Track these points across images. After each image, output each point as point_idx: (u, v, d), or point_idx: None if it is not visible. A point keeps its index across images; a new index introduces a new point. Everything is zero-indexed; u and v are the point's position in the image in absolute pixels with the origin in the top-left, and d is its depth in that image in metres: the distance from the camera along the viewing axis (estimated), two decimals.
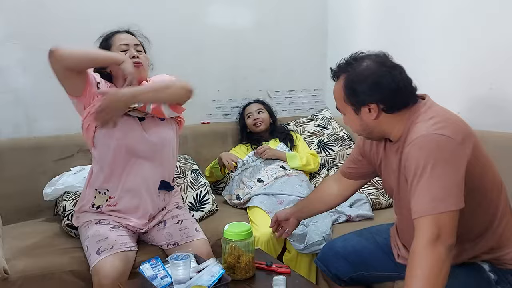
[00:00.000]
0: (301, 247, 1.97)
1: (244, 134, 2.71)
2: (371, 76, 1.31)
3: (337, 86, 1.39)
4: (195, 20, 2.71)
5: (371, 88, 1.31)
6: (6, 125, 2.31)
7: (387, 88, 1.30)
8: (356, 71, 1.33)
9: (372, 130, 1.38)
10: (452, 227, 1.17)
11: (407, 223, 1.31)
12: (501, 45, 1.99)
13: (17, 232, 1.98)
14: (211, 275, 1.41)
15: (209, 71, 2.79)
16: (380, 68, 1.31)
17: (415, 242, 1.18)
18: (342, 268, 1.59)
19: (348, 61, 1.37)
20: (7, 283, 1.59)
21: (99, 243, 1.66)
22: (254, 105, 2.71)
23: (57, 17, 2.34)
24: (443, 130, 1.21)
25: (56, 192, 2.09)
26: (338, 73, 1.39)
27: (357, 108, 1.35)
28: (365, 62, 1.34)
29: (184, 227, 1.84)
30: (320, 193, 1.76)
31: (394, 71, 1.31)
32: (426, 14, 2.36)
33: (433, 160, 1.18)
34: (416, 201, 1.20)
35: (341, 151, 2.67)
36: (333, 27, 3.09)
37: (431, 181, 1.18)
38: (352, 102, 1.35)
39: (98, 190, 1.78)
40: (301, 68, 3.06)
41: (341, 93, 1.37)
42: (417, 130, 1.26)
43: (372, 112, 1.34)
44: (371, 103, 1.32)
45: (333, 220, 2.08)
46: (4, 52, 2.26)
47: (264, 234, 2.01)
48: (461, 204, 1.18)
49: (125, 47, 1.78)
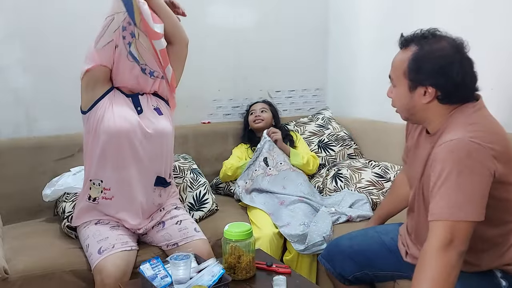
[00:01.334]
0: (302, 248, 1.96)
1: (246, 132, 2.70)
2: (443, 58, 1.24)
3: (402, 56, 1.30)
4: (195, 20, 2.70)
5: (438, 71, 1.23)
6: (6, 125, 2.31)
7: (454, 77, 1.23)
8: (429, 48, 1.25)
9: (416, 112, 1.33)
10: (467, 236, 1.16)
11: (424, 220, 1.29)
12: (502, 45, 1.99)
13: (17, 232, 1.98)
14: (212, 275, 1.40)
15: (210, 71, 2.79)
16: (454, 54, 1.24)
17: (427, 244, 1.17)
18: (347, 267, 1.59)
19: (425, 34, 1.28)
20: (7, 283, 1.59)
21: (100, 243, 1.66)
22: (260, 104, 2.72)
23: (57, 17, 2.33)
24: (479, 138, 1.18)
25: (55, 193, 2.08)
26: (409, 42, 1.30)
27: (414, 86, 1.28)
28: (441, 43, 1.26)
29: (184, 228, 1.83)
30: (395, 191, 1.75)
31: (466, 62, 1.25)
32: (426, 14, 2.36)
33: (460, 167, 1.16)
34: (436, 203, 1.18)
35: (342, 151, 2.67)
36: (334, 27, 3.09)
37: (455, 188, 1.16)
38: (411, 77, 1.28)
39: (93, 181, 1.77)
40: (302, 68, 3.05)
41: (403, 64, 1.29)
42: (454, 132, 1.22)
43: (426, 96, 1.27)
44: (430, 86, 1.25)
45: (333, 220, 2.08)
46: (4, 52, 2.26)
47: (266, 235, 2.00)
48: (481, 216, 1.16)
49: None
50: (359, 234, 1.66)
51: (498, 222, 1.28)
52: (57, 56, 2.35)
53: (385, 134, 2.51)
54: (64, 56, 2.35)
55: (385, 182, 2.29)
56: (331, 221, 2.05)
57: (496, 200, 1.21)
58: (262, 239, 1.99)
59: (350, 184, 2.34)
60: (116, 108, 1.74)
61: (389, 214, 1.78)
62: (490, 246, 1.31)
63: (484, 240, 1.29)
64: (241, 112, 2.85)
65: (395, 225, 1.66)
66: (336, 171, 2.45)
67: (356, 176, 2.36)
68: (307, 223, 2.02)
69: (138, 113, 1.78)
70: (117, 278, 1.57)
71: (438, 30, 1.31)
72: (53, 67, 2.35)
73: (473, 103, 1.29)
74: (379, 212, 1.81)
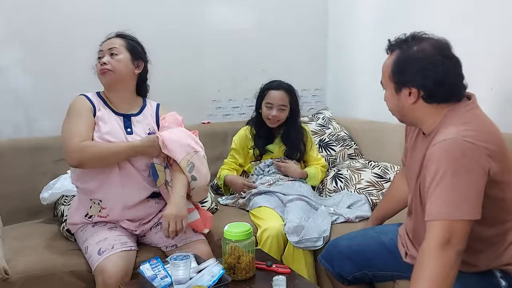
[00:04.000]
0: (296, 240, 1.93)
1: (257, 122, 2.42)
2: (422, 59, 1.27)
3: (387, 61, 1.37)
4: (195, 20, 2.71)
5: (417, 72, 1.27)
6: (6, 126, 2.31)
7: (434, 76, 1.26)
8: (409, 51, 1.30)
9: (405, 113, 1.37)
10: (464, 234, 1.16)
11: (422, 220, 1.29)
12: (501, 45, 1.99)
13: (17, 232, 1.98)
14: (211, 275, 1.41)
15: (209, 71, 2.79)
16: (434, 55, 1.27)
17: (425, 244, 1.17)
18: (346, 267, 1.59)
19: (406, 39, 1.34)
20: (8, 284, 1.59)
21: (99, 244, 1.65)
22: (280, 95, 2.35)
23: (57, 17, 2.34)
24: (473, 138, 1.18)
25: (53, 196, 2.09)
26: (393, 47, 1.36)
27: (398, 88, 1.33)
28: (422, 44, 1.30)
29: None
30: (393, 192, 1.75)
31: (447, 62, 1.27)
32: (426, 15, 2.36)
33: (455, 166, 1.16)
34: (432, 203, 1.19)
35: (342, 151, 2.67)
36: (333, 27, 3.09)
37: (450, 187, 1.16)
38: (395, 80, 1.33)
39: (93, 200, 1.77)
40: (301, 68, 3.06)
41: (388, 69, 1.35)
42: (448, 131, 1.23)
43: (411, 96, 1.31)
44: (412, 86, 1.29)
45: (332, 220, 2.07)
46: (4, 52, 2.26)
47: (273, 228, 1.97)
48: (477, 215, 1.17)
49: (101, 54, 1.78)
50: (358, 234, 1.66)
51: (494, 222, 1.28)
52: (57, 56, 2.35)
53: (384, 134, 2.51)
54: (64, 56, 2.35)
55: (384, 182, 2.29)
56: (330, 221, 2.04)
57: (491, 199, 1.21)
58: (270, 231, 1.96)
59: (350, 185, 2.34)
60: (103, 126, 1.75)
61: (386, 215, 1.78)
62: (488, 246, 1.31)
63: (481, 240, 1.29)
64: (241, 112, 2.85)
65: (395, 225, 1.66)
66: (336, 172, 2.45)
67: (356, 176, 2.36)
68: (305, 218, 2.02)
69: (128, 134, 1.78)
70: (119, 278, 1.56)
71: (424, 33, 1.34)
72: (53, 67, 2.35)
73: (465, 103, 1.31)
74: (377, 213, 1.81)
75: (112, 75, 1.76)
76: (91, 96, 1.82)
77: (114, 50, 1.77)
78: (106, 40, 1.83)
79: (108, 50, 1.77)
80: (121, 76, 1.78)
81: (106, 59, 1.75)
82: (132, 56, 1.81)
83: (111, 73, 1.76)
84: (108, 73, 1.75)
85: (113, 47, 1.78)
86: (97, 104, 1.80)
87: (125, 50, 1.80)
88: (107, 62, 1.75)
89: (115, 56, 1.77)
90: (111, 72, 1.75)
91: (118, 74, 1.77)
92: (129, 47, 1.81)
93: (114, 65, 1.76)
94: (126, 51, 1.80)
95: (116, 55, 1.77)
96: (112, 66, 1.75)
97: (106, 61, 1.75)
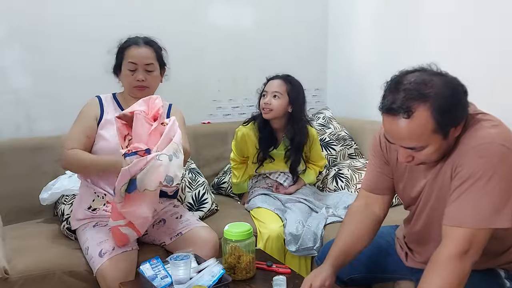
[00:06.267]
0: (293, 250, 1.98)
1: (260, 120, 2.24)
2: (452, 89, 1.14)
3: (418, 121, 1.12)
4: (195, 20, 2.71)
5: (458, 104, 1.14)
6: (6, 125, 2.31)
7: (465, 99, 1.16)
8: (438, 93, 1.12)
9: (447, 149, 1.21)
10: (484, 243, 1.13)
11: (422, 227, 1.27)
12: (502, 45, 1.99)
13: (17, 232, 1.98)
14: (212, 275, 1.41)
15: (210, 71, 2.79)
16: (446, 80, 1.16)
17: (441, 250, 1.13)
18: (343, 269, 1.58)
19: (412, 89, 1.13)
20: (8, 284, 1.59)
21: (100, 245, 1.65)
22: (276, 82, 2.18)
23: (57, 17, 2.34)
24: (509, 142, 1.13)
25: (53, 196, 2.09)
26: (411, 106, 1.12)
27: (447, 132, 1.15)
28: (432, 81, 1.14)
29: (185, 220, 1.84)
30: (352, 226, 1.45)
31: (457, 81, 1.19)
32: (426, 14, 2.36)
33: (491, 173, 1.10)
34: (457, 208, 1.14)
35: (342, 150, 2.67)
36: (333, 27, 3.09)
37: (482, 194, 1.11)
38: (443, 127, 1.14)
39: (97, 194, 1.77)
40: (301, 68, 3.03)
41: (428, 126, 1.12)
42: (480, 135, 1.16)
43: (457, 129, 1.17)
44: (461, 121, 1.17)
45: (330, 221, 2.08)
46: (4, 53, 2.26)
47: (273, 231, 2.00)
48: (507, 223, 1.11)
49: (133, 67, 1.74)
50: None
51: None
52: (57, 56, 2.35)
53: None
54: (64, 56, 2.35)
55: None
56: (323, 224, 2.05)
57: None
58: (270, 234, 1.99)
59: (350, 184, 2.34)
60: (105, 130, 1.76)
61: (347, 255, 1.41)
62: (489, 246, 1.31)
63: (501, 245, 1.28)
64: (241, 112, 2.85)
65: (391, 227, 1.63)
66: (336, 171, 2.45)
67: (357, 176, 2.36)
68: (302, 222, 2.03)
69: None
70: (121, 281, 1.55)
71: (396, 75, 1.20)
72: (53, 67, 2.35)
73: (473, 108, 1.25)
74: (335, 253, 1.41)
75: (147, 91, 1.77)
76: (104, 98, 1.83)
77: (151, 67, 1.77)
78: (131, 44, 1.78)
79: (145, 66, 1.75)
80: (154, 90, 1.80)
81: (143, 76, 1.74)
82: (160, 67, 1.83)
83: (148, 90, 1.77)
84: (145, 90, 1.76)
85: (150, 63, 1.77)
86: (107, 108, 1.80)
87: (156, 62, 1.80)
88: (145, 79, 1.75)
89: (151, 73, 1.77)
90: (147, 88, 1.76)
91: (153, 89, 1.79)
92: (158, 57, 1.82)
93: (151, 82, 1.77)
94: (157, 63, 1.81)
95: (152, 71, 1.77)
96: (148, 83, 1.76)
97: (143, 78, 1.74)
